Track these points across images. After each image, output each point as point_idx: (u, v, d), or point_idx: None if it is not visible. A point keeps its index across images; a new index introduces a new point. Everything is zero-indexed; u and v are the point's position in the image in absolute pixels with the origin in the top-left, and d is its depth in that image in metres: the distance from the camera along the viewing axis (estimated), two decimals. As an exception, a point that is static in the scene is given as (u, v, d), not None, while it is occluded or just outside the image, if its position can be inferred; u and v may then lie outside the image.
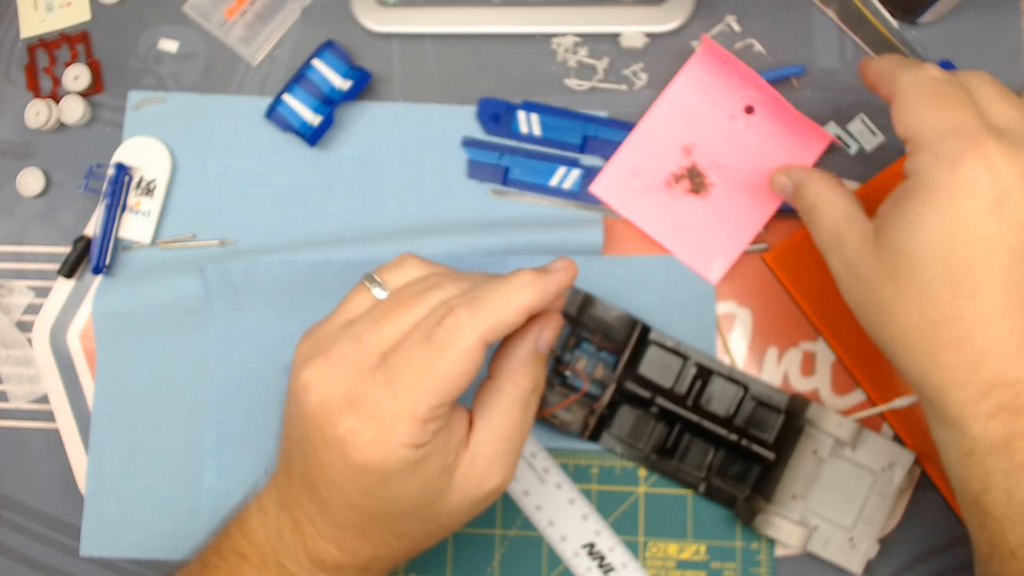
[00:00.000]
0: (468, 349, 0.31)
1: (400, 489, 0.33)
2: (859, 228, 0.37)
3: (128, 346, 0.49)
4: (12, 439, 0.50)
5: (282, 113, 0.50)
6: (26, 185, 0.52)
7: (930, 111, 0.34)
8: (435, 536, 0.36)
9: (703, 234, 0.47)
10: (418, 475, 0.32)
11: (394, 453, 0.31)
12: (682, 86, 0.49)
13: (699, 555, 0.46)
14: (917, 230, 0.33)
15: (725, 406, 0.46)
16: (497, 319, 0.32)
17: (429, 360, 0.31)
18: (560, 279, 0.34)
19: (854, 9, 0.51)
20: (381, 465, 0.32)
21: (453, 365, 0.31)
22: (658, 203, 0.48)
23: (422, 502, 0.33)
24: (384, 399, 0.31)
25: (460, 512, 0.35)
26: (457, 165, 0.50)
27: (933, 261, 0.33)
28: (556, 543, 0.46)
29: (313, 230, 0.50)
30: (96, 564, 0.48)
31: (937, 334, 0.33)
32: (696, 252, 0.47)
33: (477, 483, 0.34)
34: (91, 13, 0.54)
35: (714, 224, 0.47)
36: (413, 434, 0.31)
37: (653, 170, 0.48)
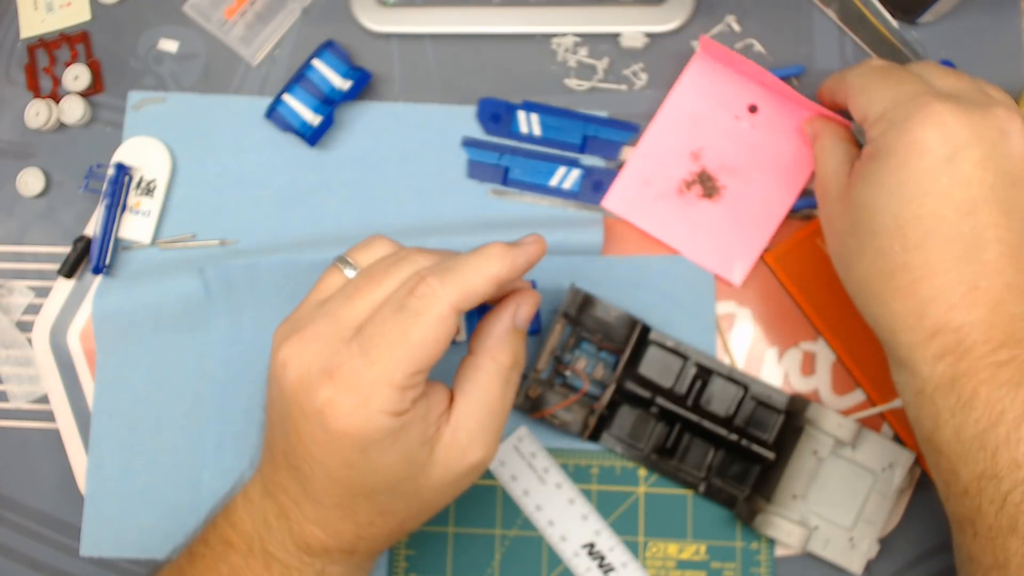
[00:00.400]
0: (441, 316, 0.32)
1: (381, 459, 0.33)
2: (840, 183, 0.39)
3: (128, 346, 0.49)
4: (12, 439, 0.50)
5: (282, 113, 0.50)
6: (26, 185, 0.52)
7: (880, 88, 0.38)
8: (419, 515, 0.36)
9: (721, 238, 0.47)
10: (398, 445, 0.33)
11: (373, 420, 0.32)
12: (683, 92, 0.49)
13: (699, 555, 0.46)
14: (872, 186, 0.36)
15: (725, 406, 0.46)
16: (468, 287, 0.33)
17: (403, 328, 0.32)
18: (530, 251, 0.35)
19: (854, 9, 0.51)
20: (360, 433, 0.32)
21: (427, 332, 0.32)
22: (672, 211, 0.48)
23: (403, 475, 0.33)
24: (361, 368, 0.32)
25: (443, 488, 0.35)
26: (457, 165, 0.50)
27: (886, 215, 0.35)
28: (556, 543, 0.46)
29: (313, 230, 0.50)
30: (96, 564, 0.48)
31: (888, 283, 0.36)
32: (716, 256, 0.47)
33: (458, 457, 0.34)
34: (91, 13, 0.54)
35: (730, 227, 0.47)
36: (391, 401, 0.32)
37: (664, 178, 0.48)
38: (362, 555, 0.36)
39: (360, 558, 0.36)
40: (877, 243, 0.36)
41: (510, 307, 0.36)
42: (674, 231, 0.48)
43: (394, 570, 0.47)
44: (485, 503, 0.47)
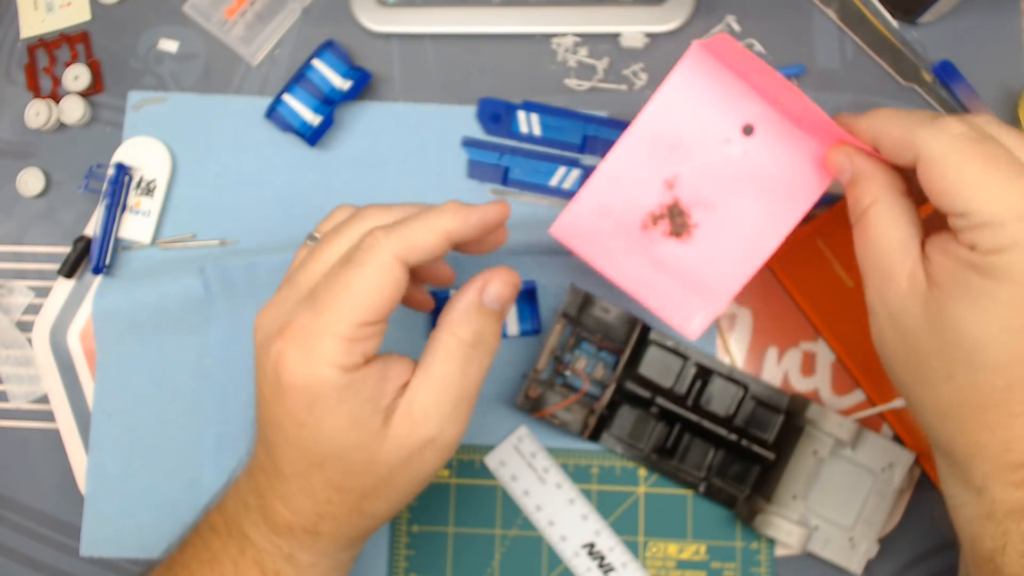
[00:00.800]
0: (384, 264, 0.32)
1: (328, 419, 0.32)
2: (911, 267, 0.33)
3: (128, 346, 0.49)
4: (12, 439, 0.50)
5: (282, 113, 0.50)
6: (26, 185, 0.52)
7: (990, 184, 0.31)
8: (377, 494, 0.34)
9: (683, 283, 0.40)
10: (346, 405, 0.32)
11: (318, 371, 0.31)
12: (664, 104, 0.39)
13: (699, 555, 0.46)
14: (984, 313, 0.31)
15: (725, 406, 0.46)
16: (414, 238, 0.33)
17: (347, 279, 0.32)
18: (485, 211, 0.34)
19: (854, 9, 0.51)
20: (306, 385, 0.32)
21: (369, 280, 0.32)
22: (631, 248, 0.40)
23: (354, 442, 0.33)
24: (308, 320, 0.32)
25: (397, 464, 0.33)
26: (457, 165, 0.50)
27: (998, 350, 0.31)
28: (556, 543, 0.46)
29: (313, 230, 0.50)
30: (96, 564, 0.48)
31: (977, 415, 0.32)
32: (673, 304, 0.40)
33: (410, 430, 0.33)
34: (91, 13, 0.54)
35: (696, 272, 0.39)
36: (337, 352, 0.31)
37: (627, 209, 0.39)
38: (327, 540, 0.35)
39: (326, 544, 0.35)
40: (974, 375, 0.32)
41: (477, 282, 0.35)
42: (628, 271, 0.40)
43: (394, 570, 0.47)
44: (485, 503, 0.47)
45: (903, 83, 0.50)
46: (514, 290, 0.35)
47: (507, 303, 0.35)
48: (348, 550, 0.37)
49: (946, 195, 0.32)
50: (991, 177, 0.31)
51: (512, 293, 0.35)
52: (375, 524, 0.36)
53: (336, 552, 0.36)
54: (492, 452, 0.47)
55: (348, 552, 0.37)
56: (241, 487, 0.37)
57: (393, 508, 0.35)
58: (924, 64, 0.50)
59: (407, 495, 0.35)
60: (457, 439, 0.34)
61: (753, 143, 0.39)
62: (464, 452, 0.47)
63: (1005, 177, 0.31)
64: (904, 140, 0.33)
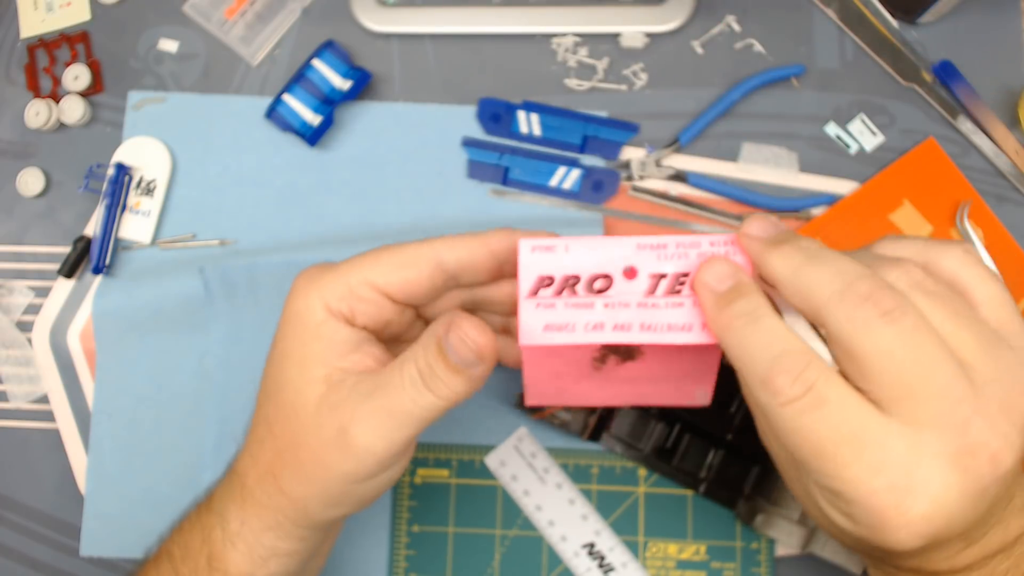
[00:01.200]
0: (415, 247, 0.34)
1: (291, 343, 0.34)
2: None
3: (128, 346, 0.49)
4: (12, 439, 0.50)
5: (282, 113, 0.50)
6: (26, 185, 0.52)
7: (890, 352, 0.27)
8: (287, 456, 0.33)
9: (666, 378, 0.37)
10: (308, 340, 0.33)
11: (307, 299, 0.33)
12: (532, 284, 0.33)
13: (699, 555, 0.46)
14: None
15: (725, 406, 0.46)
16: (460, 243, 0.34)
17: (382, 248, 0.34)
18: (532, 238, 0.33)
19: (854, 9, 0.51)
20: (294, 306, 0.34)
21: (398, 252, 0.34)
22: (599, 384, 0.38)
23: (296, 380, 0.33)
24: (330, 266, 0.34)
25: (308, 433, 0.32)
26: (457, 165, 0.50)
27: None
28: (556, 543, 0.46)
29: (313, 230, 0.50)
30: (96, 564, 0.48)
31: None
32: (671, 395, 0.38)
33: (333, 405, 0.32)
34: (91, 13, 0.54)
35: (669, 368, 0.37)
36: (333, 291, 0.33)
37: (571, 363, 0.36)
38: (251, 503, 0.34)
39: (250, 506, 0.34)
40: None
41: (443, 320, 0.33)
42: (612, 396, 0.39)
43: (394, 570, 0.47)
44: (485, 503, 0.47)
45: (903, 83, 0.50)
46: (470, 353, 0.32)
47: (466, 361, 0.32)
48: (269, 531, 0.34)
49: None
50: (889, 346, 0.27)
51: (469, 355, 0.32)
52: (288, 507, 0.33)
53: (258, 529, 0.34)
54: (492, 452, 0.47)
55: (270, 536, 0.34)
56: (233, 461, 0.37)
57: (301, 494, 0.33)
58: (924, 64, 0.50)
59: (315, 488, 0.33)
60: (365, 449, 0.32)
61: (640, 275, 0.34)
62: (464, 452, 0.47)
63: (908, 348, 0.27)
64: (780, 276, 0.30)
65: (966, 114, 0.49)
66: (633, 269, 0.33)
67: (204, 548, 0.35)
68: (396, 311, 0.34)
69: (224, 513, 0.35)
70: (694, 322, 0.33)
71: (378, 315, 0.34)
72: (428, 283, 0.34)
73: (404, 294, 0.34)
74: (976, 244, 0.47)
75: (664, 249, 0.33)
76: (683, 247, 0.33)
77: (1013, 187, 0.49)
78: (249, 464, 0.35)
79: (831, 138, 0.50)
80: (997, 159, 0.49)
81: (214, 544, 0.34)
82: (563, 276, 0.33)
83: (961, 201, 0.48)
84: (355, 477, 0.33)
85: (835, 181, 0.49)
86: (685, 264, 0.33)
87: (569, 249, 0.33)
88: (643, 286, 0.33)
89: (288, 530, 0.34)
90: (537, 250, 0.33)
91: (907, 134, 0.49)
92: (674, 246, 0.33)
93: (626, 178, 0.50)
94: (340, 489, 0.33)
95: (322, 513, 0.34)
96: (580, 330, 0.33)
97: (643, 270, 0.33)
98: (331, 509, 0.34)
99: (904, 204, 0.48)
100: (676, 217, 0.49)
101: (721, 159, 0.50)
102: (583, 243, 0.33)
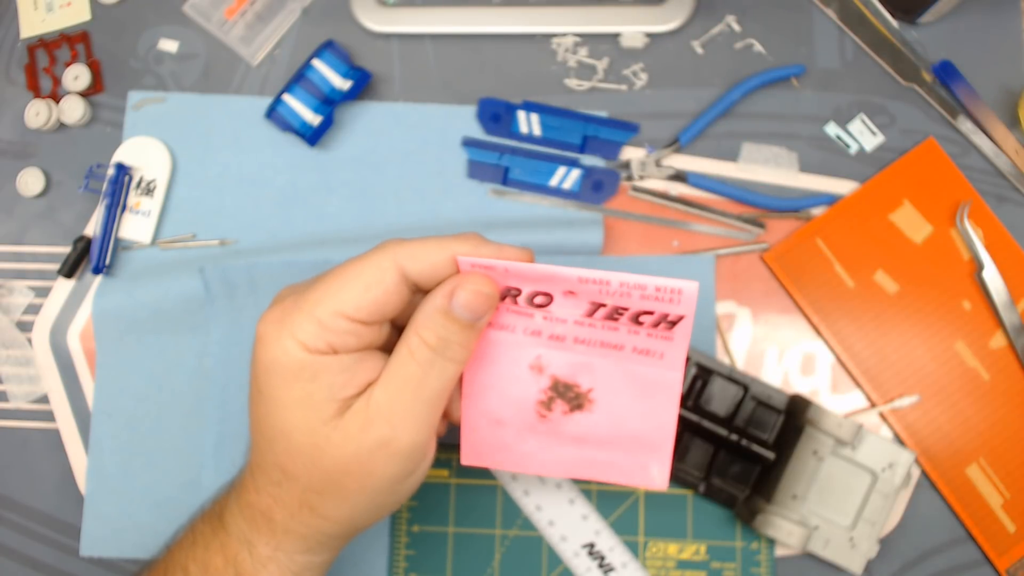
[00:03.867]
0: (380, 266, 0.32)
1: (282, 391, 0.33)
2: None
3: (128, 346, 0.49)
4: (12, 439, 0.50)
5: (282, 113, 0.50)
6: (26, 185, 0.52)
7: None
8: (323, 490, 0.33)
9: (618, 448, 0.37)
10: (301, 382, 0.32)
11: (282, 344, 0.32)
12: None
13: (699, 555, 0.46)
14: None
15: (725, 406, 0.46)
16: (420, 249, 0.33)
17: (342, 271, 0.33)
18: (504, 250, 0.34)
19: (854, 9, 0.51)
20: (270, 355, 0.33)
21: (359, 272, 0.32)
22: (545, 440, 0.37)
23: (302, 424, 0.33)
24: (293, 301, 0.33)
25: (346, 461, 0.33)
26: (457, 165, 0.50)
27: None
28: (556, 543, 0.46)
29: (313, 230, 0.50)
30: (96, 564, 0.48)
31: None
32: (624, 470, 0.37)
33: (362, 426, 0.32)
34: (91, 13, 0.54)
35: (622, 433, 0.36)
36: (306, 332, 0.32)
37: (515, 409, 0.36)
38: (281, 533, 0.34)
39: (280, 537, 0.34)
40: None
41: (446, 286, 0.33)
42: (559, 461, 0.37)
43: (394, 570, 0.47)
44: (485, 503, 0.47)
45: (903, 83, 0.50)
46: (486, 300, 0.33)
47: (479, 313, 0.33)
48: (306, 553, 0.35)
49: None
50: None
51: (484, 304, 0.33)
52: (331, 528, 0.35)
53: (293, 551, 0.35)
54: (492, 452, 0.47)
55: (306, 556, 0.35)
56: (238, 473, 0.37)
57: (347, 514, 0.34)
58: (924, 64, 0.50)
59: (361, 501, 0.34)
60: (413, 446, 0.33)
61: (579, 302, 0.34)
62: (464, 452, 0.47)
63: None
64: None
65: (966, 114, 0.49)
66: (573, 293, 0.33)
67: (229, 569, 0.35)
68: (373, 331, 0.34)
69: (250, 541, 0.35)
70: (626, 344, 0.34)
71: (357, 342, 0.33)
72: (396, 298, 0.33)
73: (377, 316, 0.33)
74: (976, 244, 0.47)
75: (607, 285, 0.32)
76: (626, 286, 0.32)
77: (1013, 187, 0.49)
78: (271, 504, 0.34)
79: (831, 138, 0.50)
80: (997, 159, 0.49)
81: (241, 565, 0.35)
82: (505, 287, 0.34)
83: (961, 201, 0.48)
84: (403, 475, 0.34)
85: (835, 181, 0.49)
86: (626, 302, 0.33)
87: (509, 271, 0.33)
88: (581, 310, 0.34)
89: (326, 544, 0.36)
90: (477, 267, 0.33)
91: (907, 134, 0.49)
92: (617, 284, 0.32)
93: (626, 178, 0.50)
94: (388, 493, 0.34)
95: (367, 521, 0.35)
96: (520, 333, 0.35)
97: (583, 298, 0.33)
98: (376, 515, 0.35)
99: (904, 204, 0.48)
100: (676, 217, 0.49)
101: (721, 159, 0.50)
102: (524, 268, 0.33)
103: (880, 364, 0.47)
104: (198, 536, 0.36)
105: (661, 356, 0.35)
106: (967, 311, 0.47)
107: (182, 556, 0.36)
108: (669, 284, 0.32)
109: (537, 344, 0.35)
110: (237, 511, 0.35)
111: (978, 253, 0.47)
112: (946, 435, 0.46)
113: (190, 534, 0.37)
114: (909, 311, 0.47)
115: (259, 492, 0.34)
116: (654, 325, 0.33)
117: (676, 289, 0.32)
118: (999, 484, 0.46)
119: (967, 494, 0.46)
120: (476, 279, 0.33)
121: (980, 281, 0.47)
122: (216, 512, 0.36)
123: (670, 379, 0.35)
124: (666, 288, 0.32)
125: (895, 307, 0.48)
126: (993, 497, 0.46)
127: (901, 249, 0.48)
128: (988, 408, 0.46)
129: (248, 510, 0.35)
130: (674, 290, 0.32)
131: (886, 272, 0.48)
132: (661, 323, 0.33)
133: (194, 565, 0.35)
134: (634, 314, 0.33)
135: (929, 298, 0.48)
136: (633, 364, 0.35)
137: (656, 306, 0.33)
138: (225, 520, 0.35)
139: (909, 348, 0.47)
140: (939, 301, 0.47)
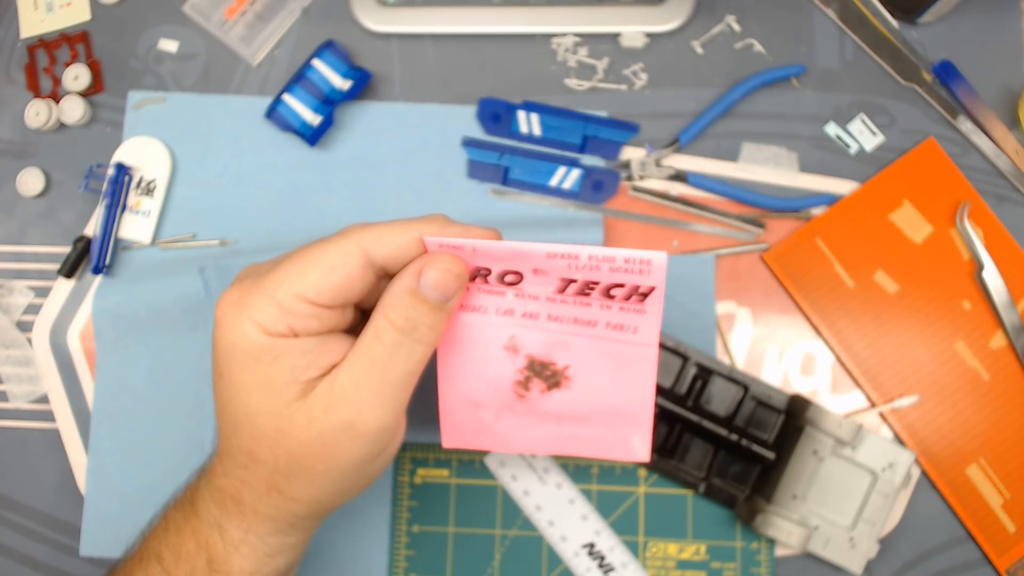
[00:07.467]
0: (344, 250, 0.32)
1: (243, 375, 0.32)
2: None
3: (128, 346, 0.49)
4: (12, 439, 0.50)
5: (282, 113, 0.50)
6: (26, 185, 0.52)
7: None
8: (290, 472, 0.33)
9: (598, 423, 0.37)
10: (263, 365, 0.32)
11: (240, 327, 0.32)
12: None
13: (699, 555, 0.46)
14: None
15: (725, 406, 0.46)
16: (385, 232, 0.32)
17: (304, 254, 0.32)
18: (471, 230, 0.34)
19: (854, 9, 0.51)
20: (229, 338, 0.32)
21: (324, 260, 0.32)
22: (524, 419, 0.37)
23: (265, 407, 0.32)
24: (252, 283, 0.32)
25: (309, 442, 0.32)
26: (457, 165, 0.50)
27: None
28: (556, 543, 0.46)
29: (313, 230, 0.50)
30: (96, 564, 0.48)
31: None
32: (605, 444, 0.38)
33: (325, 408, 0.32)
34: (91, 13, 0.54)
35: (601, 408, 0.36)
36: (265, 314, 0.31)
37: (492, 390, 0.37)
38: (251, 515, 0.34)
39: (251, 519, 0.34)
40: None
41: (414, 266, 0.33)
42: (540, 439, 0.38)
43: (394, 570, 0.47)
44: (485, 503, 0.47)
45: (903, 83, 0.50)
46: (456, 279, 0.33)
47: (448, 293, 0.33)
48: (277, 535, 0.35)
49: None
50: None
51: (453, 283, 0.33)
52: (301, 510, 0.34)
53: (264, 533, 0.35)
54: (492, 452, 0.47)
55: (277, 537, 0.35)
56: (207, 458, 0.37)
57: (315, 495, 0.34)
58: (924, 64, 0.50)
59: (327, 483, 0.33)
60: (379, 428, 0.33)
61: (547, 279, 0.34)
62: (464, 452, 0.47)
63: None
64: None
65: (966, 114, 0.49)
66: (543, 271, 0.33)
67: (202, 553, 0.35)
68: (336, 314, 0.33)
69: (221, 524, 0.35)
70: (599, 319, 0.34)
71: (319, 325, 0.33)
72: (360, 283, 0.32)
73: (340, 299, 0.32)
74: (976, 244, 0.47)
75: (576, 259, 0.32)
76: (595, 260, 0.32)
77: (1013, 187, 0.49)
78: (239, 487, 0.34)
79: (831, 138, 0.50)
80: (997, 159, 0.49)
81: (213, 549, 0.34)
82: (475, 267, 0.33)
83: (961, 201, 0.48)
84: (368, 458, 0.33)
85: (835, 181, 0.49)
86: (596, 276, 0.33)
87: (477, 251, 0.33)
88: (552, 286, 0.34)
89: (297, 525, 0.35)
90: (444, 247, 0.33)
91: (907, 134, 0.49)
92: (586, 258, 0.32)
93: (626, 178, 0.50)
94: (355, 475, 0.34)
95: (337, 502, 0.35)
96: (492, 313, 0.35)
97: (553, 274, 0.33)
98: (344, 496, 0.35)
99: (904, 204, 0.48)
100: (676, 217, 0.49)
101: (721, 159, 0.50)
102: (492, 246, 0.33)
103: (880, 364, 0.47)
104: (170, 523, 0.36)
105: (635, 330, 0.34)
106: (967, 311, 0.47)
107: (156, 543, 0.36)
108: (637, 255, 0.32)
109: (510, 324, 0.35)
110: (207, 495, 0.35)
111: (978, 253, 0.47)
112: (946, 435, 0.46)
113: (163, 521, 0.37)
114: (909, 311, 0.47)
115: (227, 476, 0.34)
116: (626, 298, 0.33)
117: (645, 260, 0.32)
118: (999, 484, 0.46)
119: (967, 494, 0.46)
120: (444, 258, 0.33)
121: (980, 281, 0.47)
122: (188, 498, 0.36)
123: (645, 353, 0.35)
124: (635, 259, 0.32)
125: (895, 307, 0.48)
126: (993, 497, 0.46)
127: (901, 249, 0.48)
128: (988, 408, 0.46)
129: (218, 494, 0.35)
130: (643, 260, 0.32)
131: (886, 272, 0.48)
132: (633, 295, 0.33)
133: (167, 551, 0.35)
134: (605, 288, 0.33)
135: (929, 298, 0.48)
136: (608, 339, 0.35)
137: (626, 278, 0.32)
138: (196, 505, 0.35)
139: (909, 348, 0.47)
140: (939, 301, 0.48)
